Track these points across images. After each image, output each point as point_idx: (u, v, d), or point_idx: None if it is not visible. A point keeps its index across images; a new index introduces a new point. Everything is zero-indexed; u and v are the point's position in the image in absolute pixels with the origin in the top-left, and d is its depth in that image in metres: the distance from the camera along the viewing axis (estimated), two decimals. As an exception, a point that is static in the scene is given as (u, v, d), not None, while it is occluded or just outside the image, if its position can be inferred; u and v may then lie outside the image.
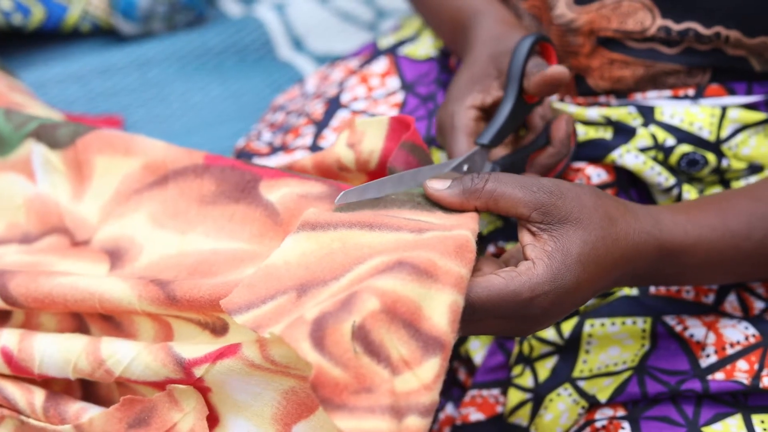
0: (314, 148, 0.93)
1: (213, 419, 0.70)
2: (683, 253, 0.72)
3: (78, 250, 0.81)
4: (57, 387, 0.77)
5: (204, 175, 0.78)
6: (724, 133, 0.84)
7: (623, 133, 0.85)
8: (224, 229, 0.76)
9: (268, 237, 0.74)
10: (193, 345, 0.69)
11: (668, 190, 0.84)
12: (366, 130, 0.75)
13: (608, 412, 0.78)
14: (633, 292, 0.84)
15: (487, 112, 0.81)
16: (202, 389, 0.69)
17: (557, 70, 0.75)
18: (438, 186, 0.69)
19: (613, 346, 0.82)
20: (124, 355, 0.69)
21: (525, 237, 0.67)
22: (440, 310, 0.61)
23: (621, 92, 0.87)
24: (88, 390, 0.78)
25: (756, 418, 0.75)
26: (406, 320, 0.60)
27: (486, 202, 0.67)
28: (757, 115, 0.84)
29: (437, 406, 0.63)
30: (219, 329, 0.71)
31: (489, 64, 0.82)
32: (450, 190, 0.68)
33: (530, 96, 0.79)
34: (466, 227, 0.66)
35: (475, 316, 0.65)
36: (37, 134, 0.85)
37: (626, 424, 0.75)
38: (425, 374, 0.59)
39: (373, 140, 0.75)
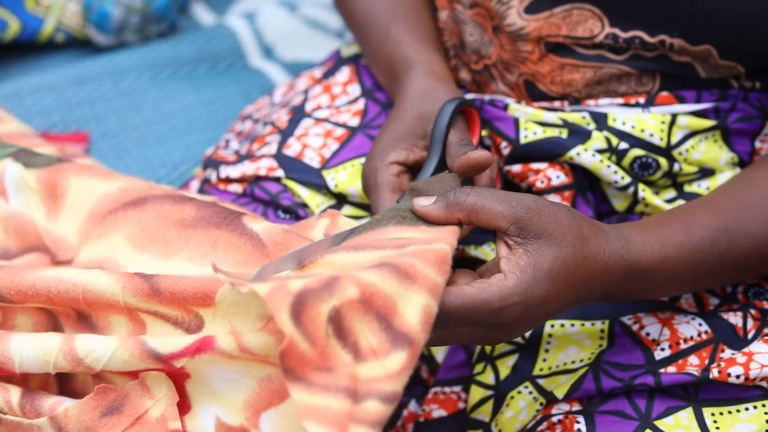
0: (279, 156, 0.94)
1: (185, 406, 0.72)
2: (650, 272, 0.75)
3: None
4: (33, 383, 0.78)
5: (184, 203, 0.80)
6: (675, 139, 0.86)
7: (578, 135, 0.87)
8: (208, 255, 0.77)
9: (252, 265, 0.76)
10: (167, 338, 0.70)
11: (624, 188, 0.86)
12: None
13: (564, 407, 0.80)
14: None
15: (410, 167, 0.83)
16: (181, 375, 0.71)
17: (480, 155, 0.76)
18: (424, 203, 0.72)
19: (571, 345, 0.84)
20: (102, 354, 0.71)
21: (502, 249, 0.70)
22: (413, 310, 0.64)
23: (573, 98, 0.89)
24: (65, 384, 0.79)
25: (707, 411, 0.77)
26: (380, 313, 0.63)
27: (468, 214, 0.70)
28: (705, 122, 0.86)
29: (399, 400, 0.65)
30: (193, 328, 0.72)
31: (415, 123, 0.83)
32: (435, 205, 0.72)
33: None
34: (445, 242, 0.69)
35: (449, 323, 0.68)
36: (15, 155, 0.86)
37: (581, 419, 0.77)
38: (391, 365, 0.62)
39: None
